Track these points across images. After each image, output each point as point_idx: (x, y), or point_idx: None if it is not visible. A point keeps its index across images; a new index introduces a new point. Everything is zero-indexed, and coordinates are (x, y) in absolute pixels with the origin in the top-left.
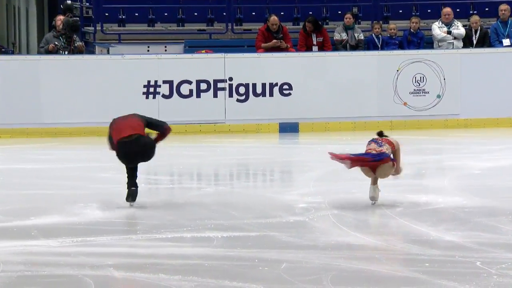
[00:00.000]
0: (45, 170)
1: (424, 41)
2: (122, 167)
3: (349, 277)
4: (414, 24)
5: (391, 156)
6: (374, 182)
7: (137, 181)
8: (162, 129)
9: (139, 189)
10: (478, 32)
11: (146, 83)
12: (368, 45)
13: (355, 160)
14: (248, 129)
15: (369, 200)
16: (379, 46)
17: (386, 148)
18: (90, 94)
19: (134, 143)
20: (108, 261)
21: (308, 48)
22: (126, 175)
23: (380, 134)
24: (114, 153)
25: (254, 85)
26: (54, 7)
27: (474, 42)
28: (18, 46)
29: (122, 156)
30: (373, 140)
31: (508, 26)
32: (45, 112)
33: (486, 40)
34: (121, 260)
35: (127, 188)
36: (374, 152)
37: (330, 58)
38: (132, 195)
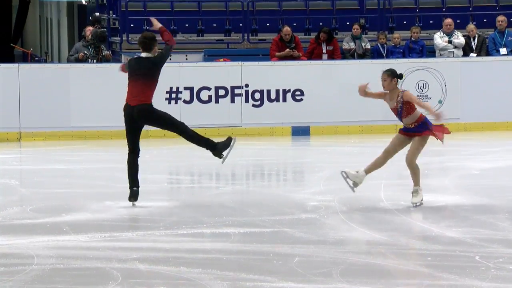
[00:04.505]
0: (74, 170)
1: (426, 49)
2: (145, 169)
3: (357, 270)
4: (415, 34)
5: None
6: (416, 183)
7: (157, 179)
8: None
9: (163, 187)
10: (476, 39)
11: (168, 89)
12: (374, 53)
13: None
14: (263, 132)
15: (378, 198)
16: (384, 54)
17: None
18: (116, 99)
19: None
20: (133, 254)
21: (318, 56)
22: (127, 174)
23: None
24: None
25: (268, 91)
26: (84, 18)
27: (473, 47)
28: (50, 55)
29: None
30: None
31: (505, 36)
32: (74, 117)
33: (484, 46)
34: (145, 254)
35: (129, 188)
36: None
37: (340, 66)
38: (134, 196)
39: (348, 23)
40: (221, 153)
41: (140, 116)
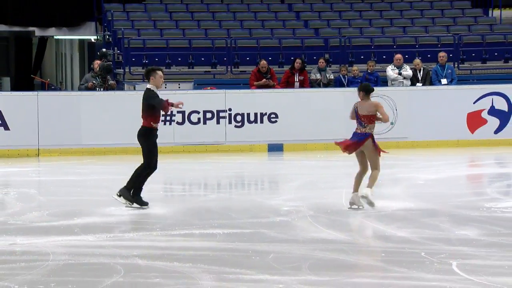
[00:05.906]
0: (84, 181)
1: (380, 80)
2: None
3: (323, 265)
4: (370, 67)
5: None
6: (355, 190)
7: (154, 188)
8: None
9: (159, 195)
10: (422, 71)
11: (163, 113)
12: (337, 83)
13: (346, 145)
14: (243, 149)
15: (340, 204)
16: (345, 84)
17: (369, 128)
18: (120, 121)
19: None
20: (134, 252)
21: (291, 85)
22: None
23: (368, 89)
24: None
25: (248, 114)
26: (93, 53)
27: (419, 78)
28: (64, 84)
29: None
30: (357, 120)
31: (445, 69)
32: (85, 136)
33: (428, 77)
34: (144, 251)
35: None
36: (358, 132)
37: (308, 94)
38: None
39: (315, 57)
40: (120, 195)
41: (137, 136)
